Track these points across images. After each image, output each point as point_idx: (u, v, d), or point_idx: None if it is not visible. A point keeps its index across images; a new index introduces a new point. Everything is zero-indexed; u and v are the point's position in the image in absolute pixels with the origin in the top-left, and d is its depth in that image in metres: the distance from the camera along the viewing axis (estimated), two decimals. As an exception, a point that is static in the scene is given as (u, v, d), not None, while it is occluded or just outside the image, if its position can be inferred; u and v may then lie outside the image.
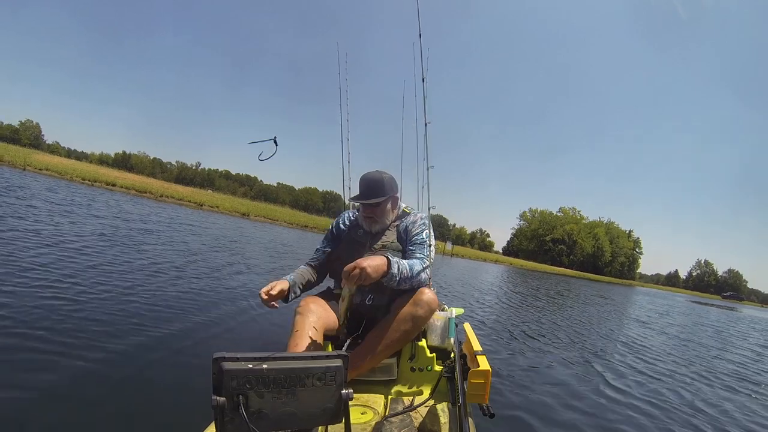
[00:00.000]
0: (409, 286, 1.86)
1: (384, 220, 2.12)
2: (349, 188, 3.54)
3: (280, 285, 1.87)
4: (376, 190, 2.06)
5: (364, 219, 2.11)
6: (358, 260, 1.64)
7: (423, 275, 1.90)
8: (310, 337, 1.70)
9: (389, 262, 1.73)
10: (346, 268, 1.62)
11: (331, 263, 2.19)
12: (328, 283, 2.25)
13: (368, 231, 2.12)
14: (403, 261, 1.84)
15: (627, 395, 3.20)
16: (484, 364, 1.66)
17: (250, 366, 1.08)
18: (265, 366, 1.10)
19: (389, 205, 2.13)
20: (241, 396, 1.07)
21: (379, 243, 2.08)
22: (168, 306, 3.90)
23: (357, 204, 2.24)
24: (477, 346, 1.84)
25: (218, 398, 1.06)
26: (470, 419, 1.57)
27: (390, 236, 2.10)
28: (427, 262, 1.98)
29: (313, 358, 1.19)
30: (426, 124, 2.67)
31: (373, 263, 1.65)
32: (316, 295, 2.06)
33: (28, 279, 3.63)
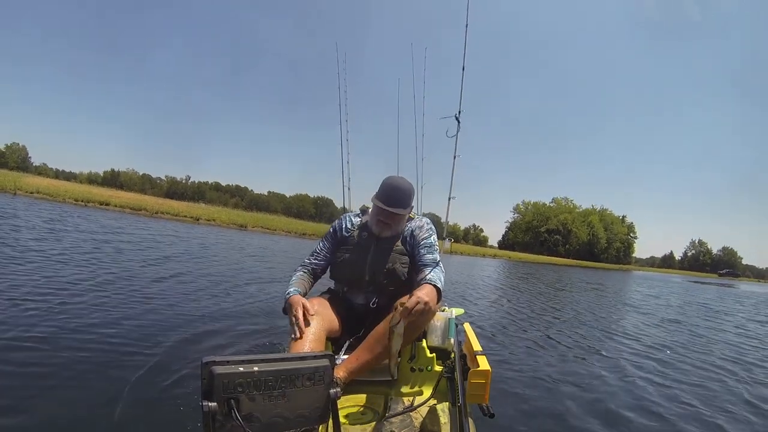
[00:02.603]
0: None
1: (398, 228, 2.06)
2: (348, 188, 3.56)
3: (302, 302, 1.79)
4: (404, 201, 1.99)
5: (378, 223, 2.02)
6: (415, 293, 1.56)
7: (444, 279, 1.91)
8: (313, 338, 1.70)
9: (439, 289, 1.67)
10: (407, 304, 1.52)
11: (336, 267, 2.10)
12: (329, 283, 2.21)
13: (376, 234, 2.04)
14: (438, 279, 1.80)
15: (626, 391, 3.14)
16: (484, 364, 1.65)
17: (241, 369, 1.07)
18: (256, 368, 1.09)
19: (407, 215, 2.08)
20: (233, 400, 1.05)
21: (386, 246, 2.04)
22: (157, 314, 4.07)
23: (362, 207, 2.23)
24: (477, 346, 1.84)
25: (209, 404, 1.03)
26: (470, 419, 1.57)
27: (395, 240, 2.06)
28: (441, 265, 1.98)
29: (301, 358, 1.20)
30: (459, 112, 2.75)
31: (431, 295, 1.59)
32: (319, 295, 2.04)
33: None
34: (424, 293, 1.56)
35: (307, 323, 1.72)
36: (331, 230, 2.16)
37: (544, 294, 10.74)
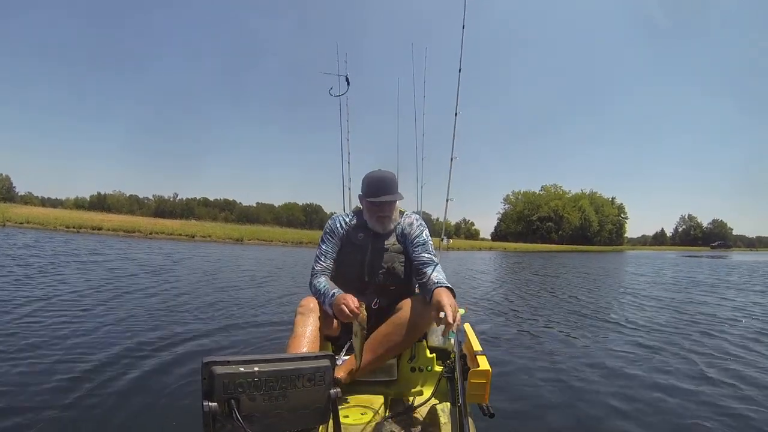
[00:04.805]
0: None
1: (394, 218, 2.05)
2: (349, 189, 3.54)
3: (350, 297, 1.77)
4: (392, 188, 1.97)
5: (378, 219, 1.99)
6: (444, 302, 1.61)
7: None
8: (311, 338, 1.69)
9: (453, 291, 1.75)
10: (447, 318, 1.54)
11: (334, 269, 2.05)
12: None
13: (378, 233, 2.02)
14: (445, 279, 1.82)
15: (627, 386, 3.06)
16: (484, 364, 1.63)
17: (242, 369, 1.07)
18: (256, 368, 1.09)
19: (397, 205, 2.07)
20: (233, 400, 1.04)
21: (383, 246, 2.02)
22: (156, 316, 4.34)
23: (355, 208, 2.20)
24: (477, 346, 1.83)
25: (210, 404, 1.03)
26: (470, 419, 1.57)
27: (391, 239, 2.04)
28: (437, 260, 1.97)
29: (302, 359, 1.20)
30: (456, 114, 2.80)
31: (452, 301, 1.66)
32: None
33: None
34: (448, 300, 1.62)
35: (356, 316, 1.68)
36: (328, 230, 2.09)
37: (542, 285, 10.71)
